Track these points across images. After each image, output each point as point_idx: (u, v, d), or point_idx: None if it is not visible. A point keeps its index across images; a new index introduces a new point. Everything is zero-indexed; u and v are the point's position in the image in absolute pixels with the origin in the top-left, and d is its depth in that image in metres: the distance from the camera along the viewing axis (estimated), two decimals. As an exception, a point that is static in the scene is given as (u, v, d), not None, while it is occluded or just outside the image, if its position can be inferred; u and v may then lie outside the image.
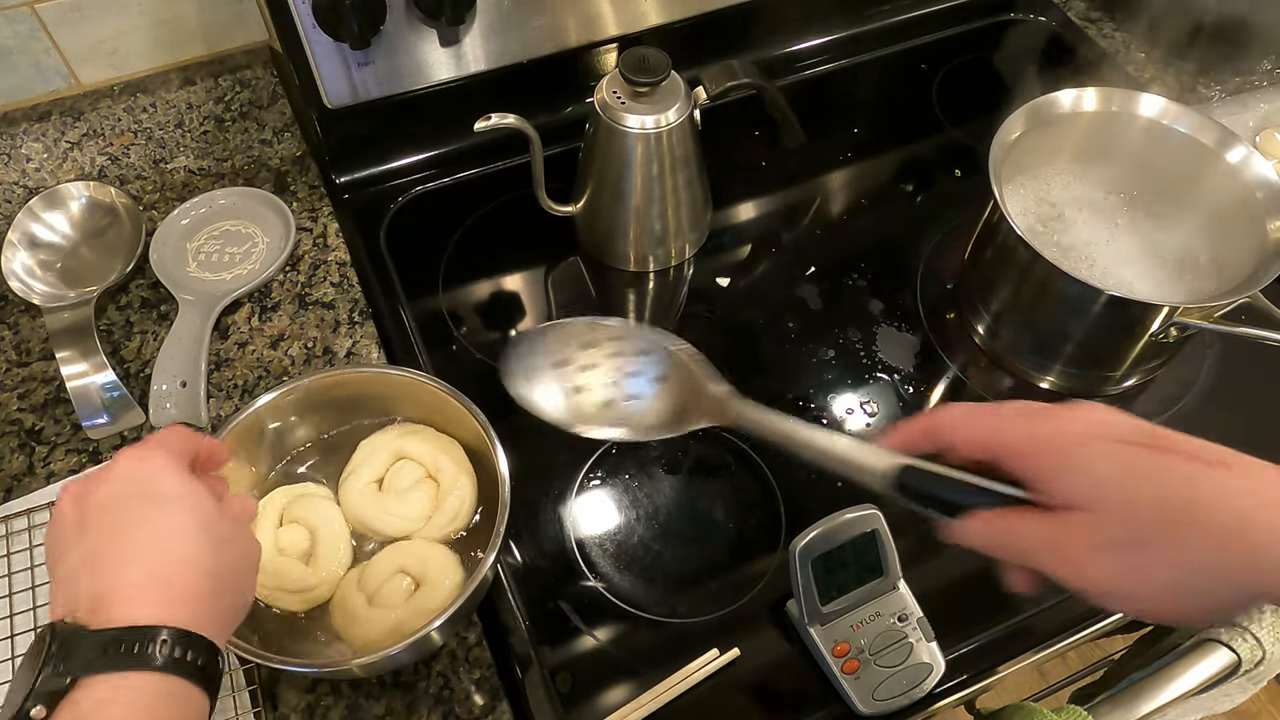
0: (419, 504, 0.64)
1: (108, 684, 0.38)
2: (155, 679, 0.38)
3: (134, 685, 0.38)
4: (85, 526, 0.43)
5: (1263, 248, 0.71)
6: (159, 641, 0.39)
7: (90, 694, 0.37)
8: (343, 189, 0.89)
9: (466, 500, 0.64)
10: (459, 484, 0.65)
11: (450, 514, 0.64)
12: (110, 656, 0.38)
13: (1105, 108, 0.79)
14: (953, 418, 0.43)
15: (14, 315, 0.81)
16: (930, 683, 0.62)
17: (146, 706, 0.38)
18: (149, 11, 0.84)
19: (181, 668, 0.39)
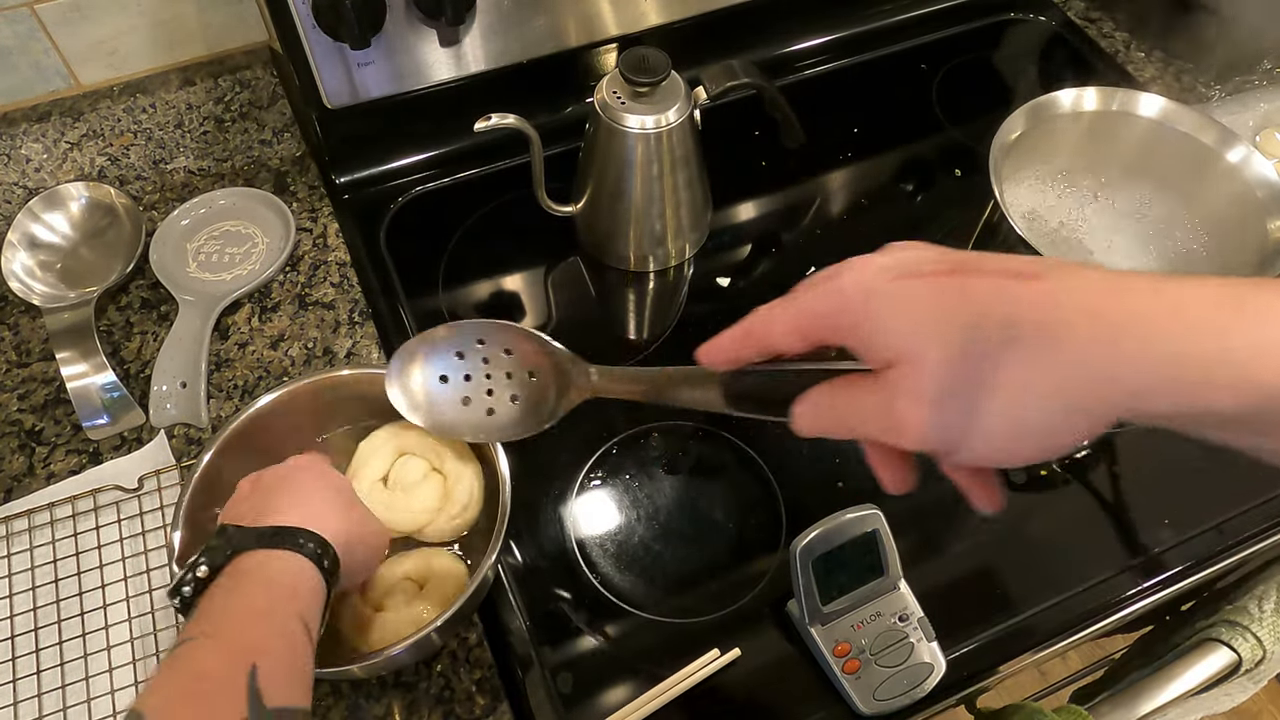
0: (429, 496, 0.64)
1: (263, 554, 0.49)
2: (298, 559, 0.50)
3: (283, 557, 0.49)
4: (255, 490, 0.55)
5: (1263, 248, 0.71)
6: (302, 537, 0.50)
7: (249, 559, 0.49)
8: (343, 189, 0.89)
9: (475, 489, 0.64)
10: (465, 474, 0.64)
11: (461, 503, 0.64)
12: (266, 539, 0.50)
13: (1105, 108, 0.79)
14: (761, 314, 0.40)
15: (14, 316, 0.81)
16: (931, 683, 0.62)
17: (291, 573, 0.49)
18: (149, 11, 0.84)
19: (312, 554, 0.50)
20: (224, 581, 0.48)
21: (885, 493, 0.40)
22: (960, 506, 0.72)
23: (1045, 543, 0.71)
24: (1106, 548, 0.71)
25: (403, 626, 0.59)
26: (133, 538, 0.68)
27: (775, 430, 0.75)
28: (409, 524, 0.63)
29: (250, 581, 0.48)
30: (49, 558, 0.67)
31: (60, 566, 0.67)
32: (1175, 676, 0.75)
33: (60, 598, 0.65)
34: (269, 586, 0.48)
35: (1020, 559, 0.70)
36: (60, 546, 0.67)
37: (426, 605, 0.60)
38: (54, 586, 0.66)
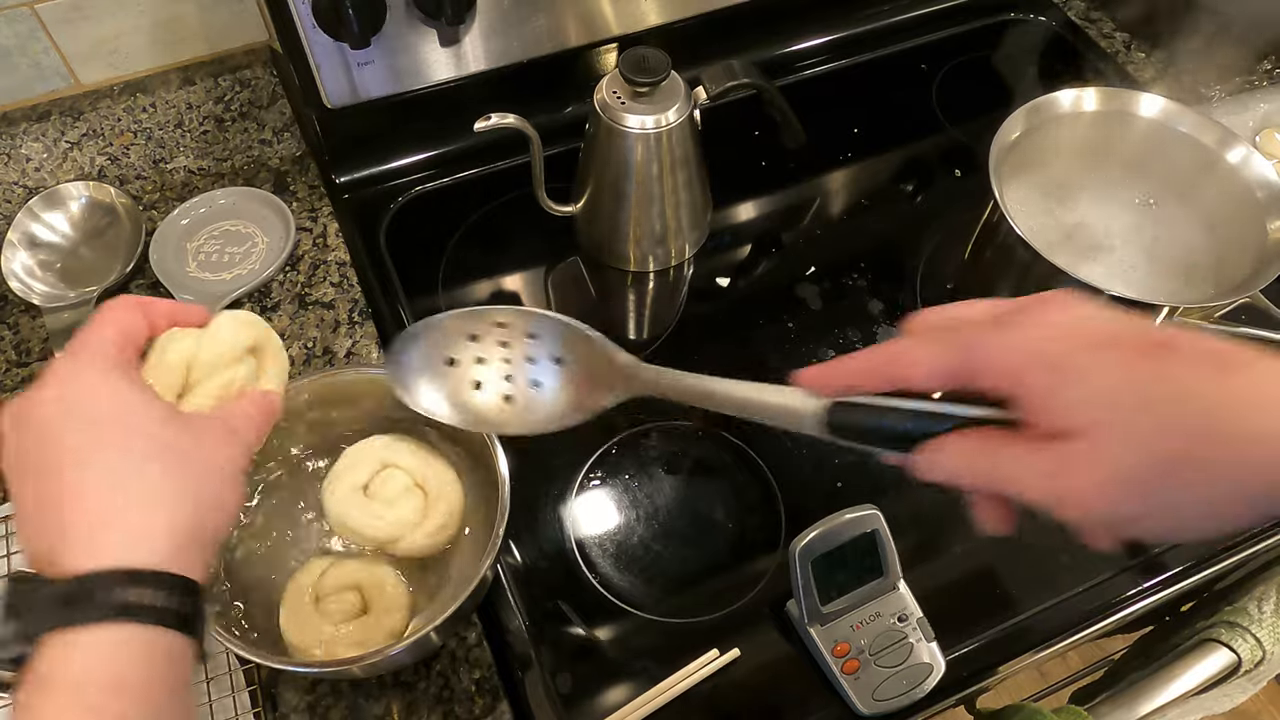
0: (407, 510, 0.62)
1: (63, 642, 0.35)
2: (115, 629, 0.35)
3: (90, 639, 0.35)
4: (26, 461, 0.38)
5: (1263, 248, 0.71)
6: (113, 589, 0.35)
7: (48, 654, 0.35)
8: (343, 189, 0.89)
9: (454, 510, 0.63)
10: (447, 493, 0.64)
11: (438, 523, 0.63)
12: (67, 610, 0.35)
13: (1105, 108, 0.79)
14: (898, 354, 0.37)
15: (14, 315, 0.81)
16: (930, 683, 0.62)
17: (107, 660, 0.35)
18: (149, 11, 0.84)
19: (143, 613, 0.35)
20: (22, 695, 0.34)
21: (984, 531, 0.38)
22: (959, 507, 0.72)
23: (1045, 543, 0.71)
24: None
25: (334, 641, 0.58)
26: (132, 537, 0.67)
27: (775, 430, 0.75)
28: (383, 535, 0.62)
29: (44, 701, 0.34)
30: (49, 557, 0.67)
31: (60, 566, 0.66)
32: (1175, 677, 0.75)
33: (60, 597, 0.65)
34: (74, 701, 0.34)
35: (1020, 559, 0.70)
36: (60, 546, 0.67)
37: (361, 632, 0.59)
38: (54, 586, 0.66)
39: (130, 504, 0.37)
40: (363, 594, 0.61)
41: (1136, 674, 0.79)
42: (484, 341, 0.50)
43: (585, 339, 0.49)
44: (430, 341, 0.51)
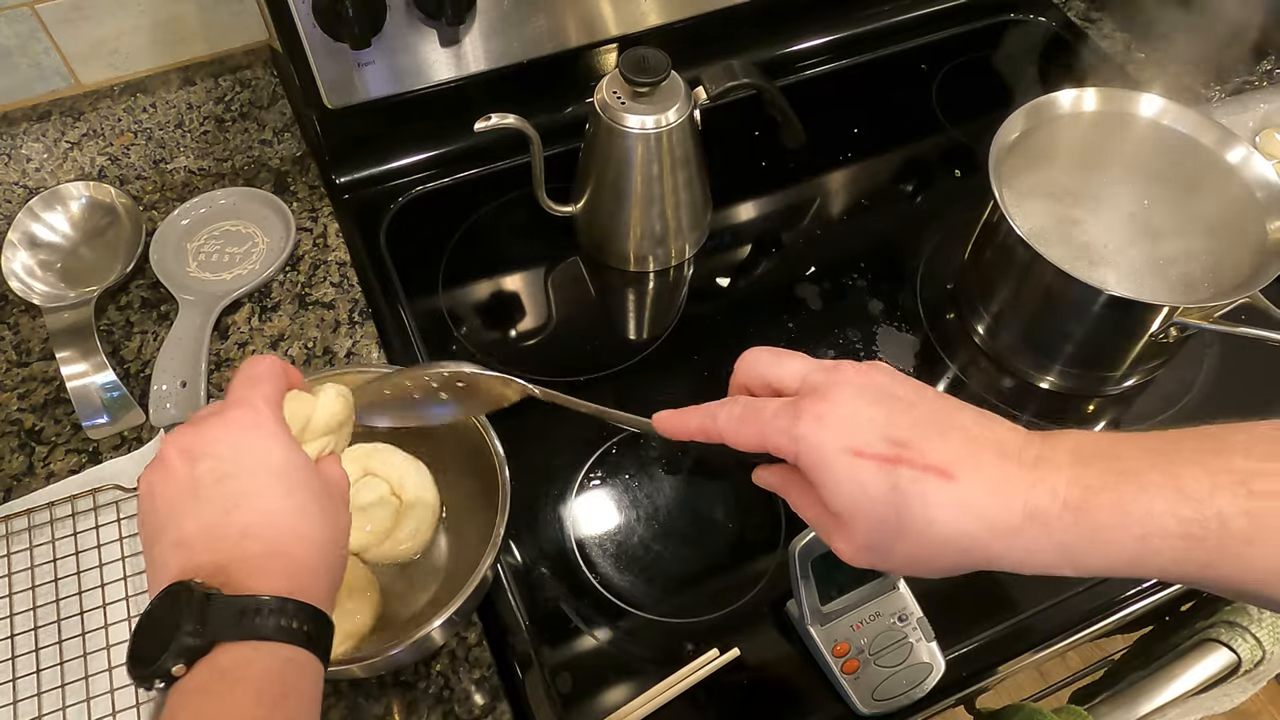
0: (378, 520, 0.64)
1: (245, 648, 0.40)
2: (283, 648, 0.41)
3: (267, 651, 0.41)
4: (199, 494, 0.44)
5: (1263, 248, 0.71)
6: (284, 614, 0.41)
7: (229, 654, 0.40)
8: (343, 189, 0.89)
9: (424, 524, 0.65)
10: (420, 507, 0.65)
11: (408, 534, 0.64)
12: (245, 624, 0.40)
13: (1105, 108, 0.79)
14: (722, 426, 0.47)
15: (14, 315, 0.81)
16: (930, 683, 0.62)
17: (279, 670, 0.41)
18: (149, 11, 0.84)
19: (301, 638, 0.42)
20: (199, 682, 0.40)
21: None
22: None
23: (1045, 543, 0.70)
24: (1106, 548, 0.71)
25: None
26: (132, 537, 0.68)
27: (775, 430, 0.75)
28: (353, 544, 0.63)
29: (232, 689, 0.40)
30: (49, 557, 0.67)
31: (60, 566, 0.67)
32: (1175, 677, 0.75)
33: (60, 597, 0.65)
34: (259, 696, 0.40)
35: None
36: (60, 546, 0.67)
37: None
38: (54, 586, 0.66)
39: (295, 540, 0.44)
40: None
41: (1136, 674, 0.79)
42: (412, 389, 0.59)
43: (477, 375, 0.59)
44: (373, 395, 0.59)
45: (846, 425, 0.43)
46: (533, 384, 0.59)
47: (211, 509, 0.43)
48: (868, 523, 0.42)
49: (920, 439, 0.42)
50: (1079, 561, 0.40)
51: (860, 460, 0.42)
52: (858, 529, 0.43)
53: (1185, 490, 0.38)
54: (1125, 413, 0.80)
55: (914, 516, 0.41)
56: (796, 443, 0.43)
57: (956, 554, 0.42)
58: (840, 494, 0.43)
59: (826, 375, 0.45)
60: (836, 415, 0.43)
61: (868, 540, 0.43)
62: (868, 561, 0.44)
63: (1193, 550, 0.38)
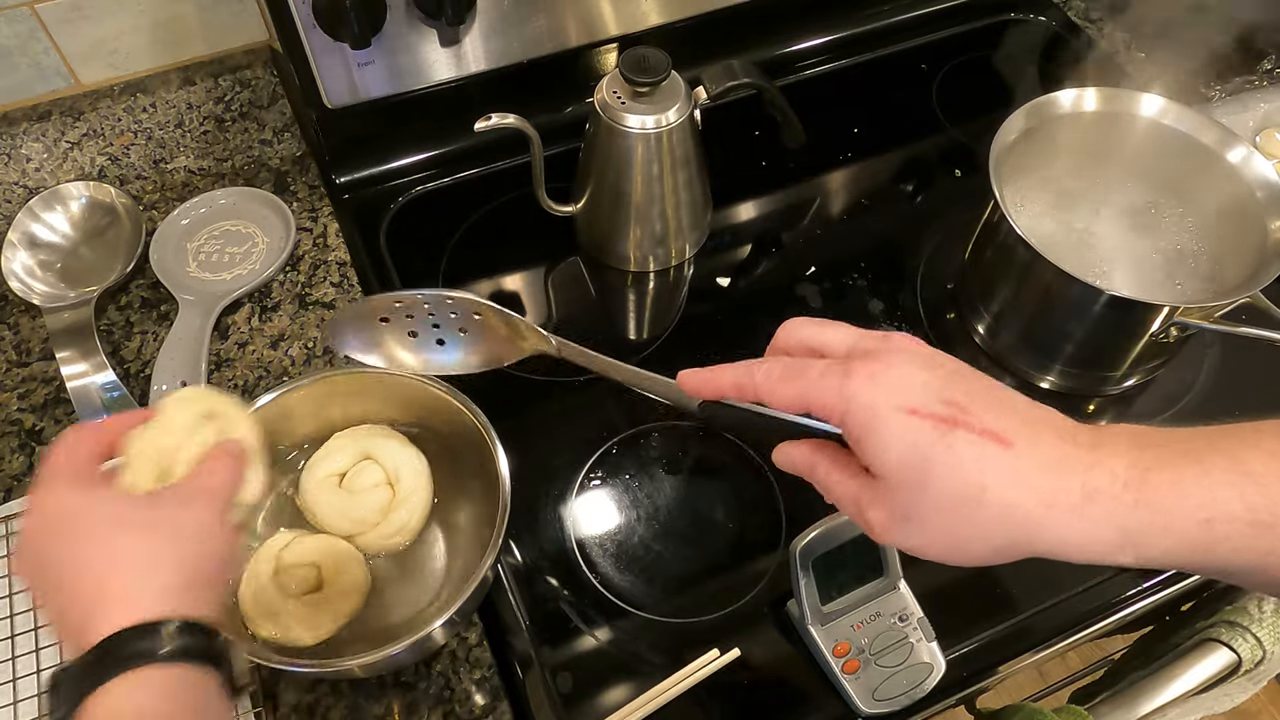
0: (370, 508, 0.64)
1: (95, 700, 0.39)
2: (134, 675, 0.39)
3: (116, 689, 0.39)
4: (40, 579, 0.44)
5: (1263, 248, 0.71)
6: (126, 641, 0.40)
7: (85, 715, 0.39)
8: (343, 189, 0.89)
9: (415, 515, 0.64)
10: (412, 499, 0.65)
11: (396, 526, 0.64)
12: (92, 675, 0.39)
13: (1105, 108, 0.79)
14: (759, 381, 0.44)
15: (14, 315, 0.81)
16: (931, 683, 0.62)
17: (129, 698, 0.39)
18: (149, 11, 0.84)
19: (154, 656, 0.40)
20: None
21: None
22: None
23: (1045, 543, 0.70)
24: (1106, 548, 0.71)
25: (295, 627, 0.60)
26: (132, 537, 0.67)
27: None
28: (340, 528, 0.64)
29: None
30: (49, 557, 0.67)
31: (60, 566, 0.67)
32: (1175, 677, 0.75)
33: (60, 597, 0.65)
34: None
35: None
36: (60, 546, 0.67)
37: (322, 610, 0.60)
38: (54, 586, 0.66)
39: (125, 577, 0.42)
40: (320, 572, 0.62)
41: (1136, 674, 0.79)
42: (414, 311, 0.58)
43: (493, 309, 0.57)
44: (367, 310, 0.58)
45: (901, 385, 0.41)
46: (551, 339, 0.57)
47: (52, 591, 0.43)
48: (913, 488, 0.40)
49: (978, 406, 0.40)
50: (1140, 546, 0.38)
51: (915, 418, 0.40)
52: (900, 495, 0.40)
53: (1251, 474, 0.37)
54: (1125, 413, 0.80)
55: (967, 482, 0.39)
56: (847, 400, 0.41)
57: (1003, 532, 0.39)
58: (889, 453, 0.40)
59: (879, 341, 0.43)
60: (891, 375, 0.41)
61: (908, 508, 0.40)
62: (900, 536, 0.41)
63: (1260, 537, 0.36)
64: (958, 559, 0.41)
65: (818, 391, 0.42)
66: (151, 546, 0.44)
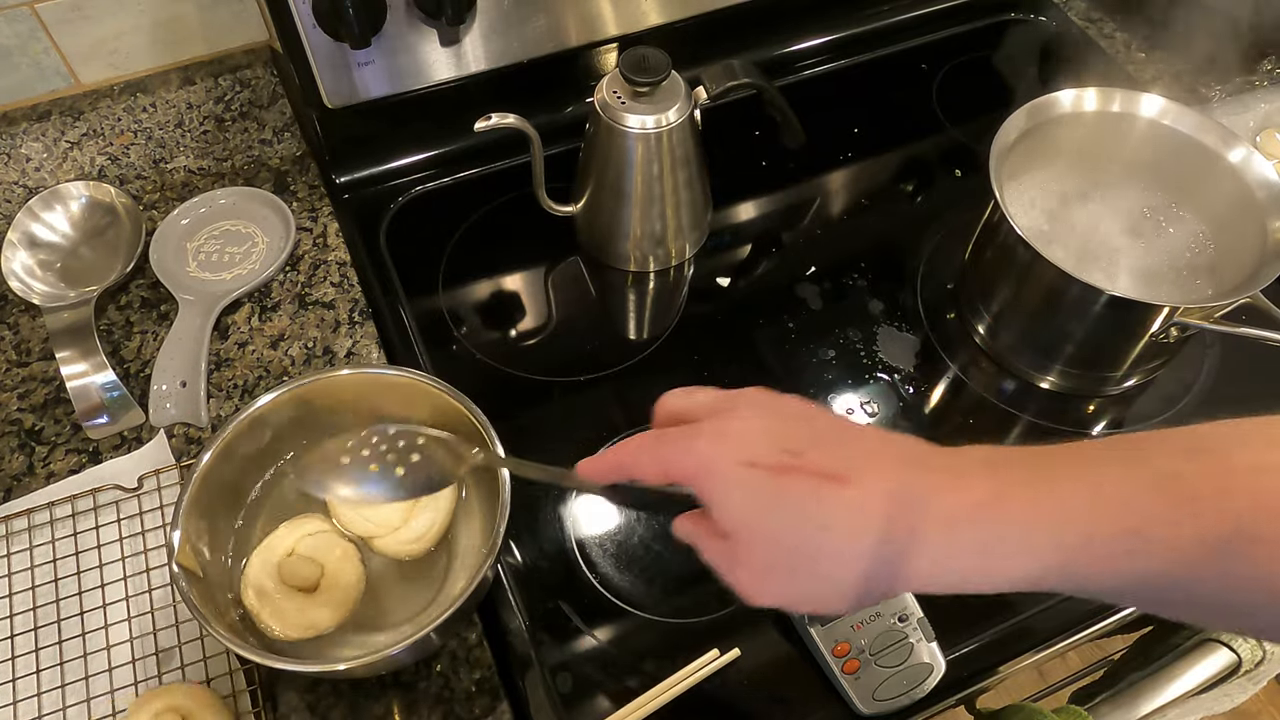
0: (390, 512, 0.64)
1: None
2: None
3: None
4: None
5: (1263, 248, 0.71)
6: None
7: None
8: (343, 189, 0.89)
9: (436, 523, 0.64)
10: (434, 507, 0.64)
11: (416, 533, 0.64)
12: None
13: (1105, 108, 0.79)
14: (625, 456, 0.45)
15: (14, 315, 0.81)
16: (931, 683, 0.62)
17: None
18: (149, 11, 0.84)
19: None
20: None
21: None
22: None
23: (1045, 543, 0.70)
24: (1106, 548, 0.71)
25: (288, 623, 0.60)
26: (132, 537, 0.68)
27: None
28: (360, 529, 0.64)
29: None
30: (49, 557, 0.67)
31: (60, 566, 0.67)
32: (1175, 677, 0.75)
33: (60, 597, 0.65)
34: None
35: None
36: (60, 546, 0.67)
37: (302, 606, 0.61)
38: (54, 586, 0.66)
39: None
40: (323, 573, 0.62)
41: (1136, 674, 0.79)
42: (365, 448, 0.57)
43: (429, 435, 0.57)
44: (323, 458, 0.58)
45: (742, 439, 0.41)
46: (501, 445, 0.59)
47: None
48: (764, 542, 0.40)
49: (816, 448, 0.40)
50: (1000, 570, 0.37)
51: (753, 471, 0.40)
52: (755, 550, 0.41)
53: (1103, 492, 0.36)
54: (1125, 413, 0.80)
55: (809, 527, 0.39)
56: (695, 462, 0.41)
57: (859, 571, 0.38)
58: (732, 509, 0.41)
59: (731, 398, 0.44)
60: (734, 430, 0.42)
61: (765, 562, 0.40)
62: (775, 594, 0.41)
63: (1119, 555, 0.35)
64: (831, 606, 0.41)
65: (672, 458, 0.43)
66: None
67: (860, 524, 0.38)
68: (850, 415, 0.77)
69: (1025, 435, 0.78)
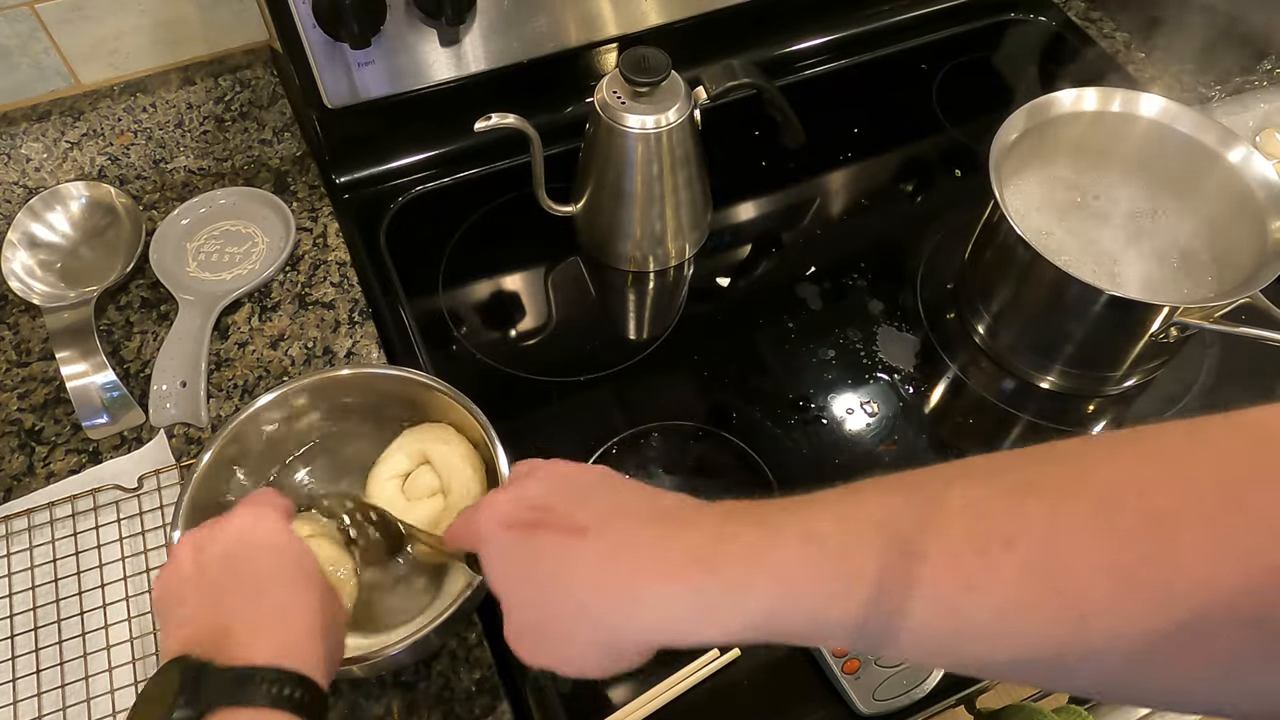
0: (420, 518, 0.62)
1: (237, 714, 0.41)
2: (275, 715, 0.42)
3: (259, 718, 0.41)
4: (204, 576, 0.47)
5: (1263, 248, 0.71)
6: (276, 682, 0.42)
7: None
8: (343, 189, 0.89)
9: None
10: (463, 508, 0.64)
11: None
12: (236, 693, 0.41)
13: (1105, 108, 0.79)
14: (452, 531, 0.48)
15: (14, 315, 0.81)
16: (930, 683, 0.62)
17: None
18: (149, 11, 0.84)
19: (294, 705, 0.42)
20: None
21: None
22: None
23: (1045, 543, 0.70)
24: (1106, 548, 0.71)
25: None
26: (132, 537, 0.68)
27: (775, 430, 0.75)
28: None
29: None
30: (48, 557, 0.67)
31: (60, 566, 0.67)
32: (1175, 677, 0.75)
33: (60, 597, 0.65)
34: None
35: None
36: (60, 546, 0.67)
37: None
38: (54, 586, 0.66)
39: (289, 619, 0.46)
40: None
41: (1136, 674, 0.79)
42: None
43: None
44: None
45: (505, 504, 0.43)
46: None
47: (214, 586, 0.46)
48: (520, 600, 0.41)
49: (565, 505, 0.41)
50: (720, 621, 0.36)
51: (508, 533, 0.42)
52: (513, 609, 0.41)
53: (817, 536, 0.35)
54: (1125, 413, 0.80)
55: (557, 581, 0.39)
56: (470, 530, 0.43)
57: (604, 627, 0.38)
58: (494, 575, 0.42)
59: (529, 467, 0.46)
60: (501, 498, 0.43)
61: (522, 619, 0.41)
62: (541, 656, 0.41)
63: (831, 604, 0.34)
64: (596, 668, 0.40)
65: (465, 528, 0.45)
66: (315, 601, 0.47)
67: (597, 579, 0.38)
68: (850, 415, 0.77)
69: (1025, 435, 0.78)
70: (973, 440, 0.77)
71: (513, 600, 0.41)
